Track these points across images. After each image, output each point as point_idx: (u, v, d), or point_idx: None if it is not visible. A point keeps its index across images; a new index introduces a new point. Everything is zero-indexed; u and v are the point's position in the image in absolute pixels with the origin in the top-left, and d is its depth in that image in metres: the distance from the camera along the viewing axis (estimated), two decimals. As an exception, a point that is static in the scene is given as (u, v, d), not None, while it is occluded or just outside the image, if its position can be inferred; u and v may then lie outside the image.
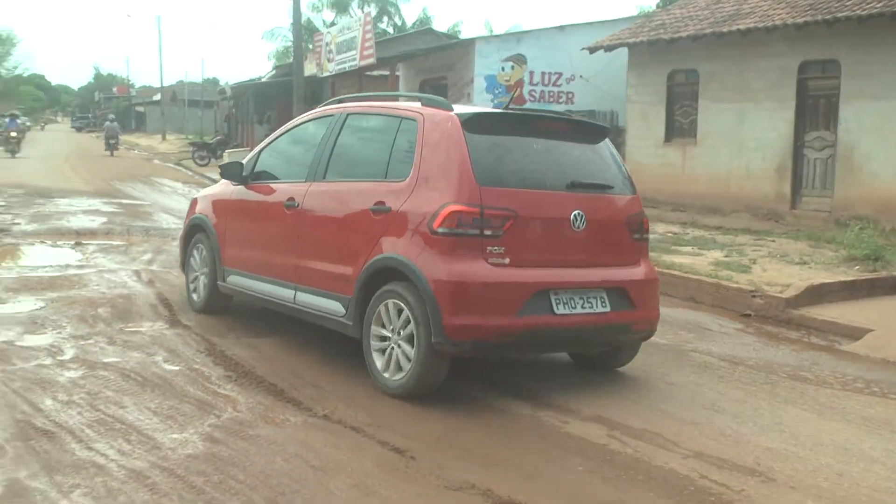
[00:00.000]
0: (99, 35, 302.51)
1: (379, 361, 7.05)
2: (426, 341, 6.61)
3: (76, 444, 5.43)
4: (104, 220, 17.61)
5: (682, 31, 20.51)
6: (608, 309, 7.12)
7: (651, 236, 15.20)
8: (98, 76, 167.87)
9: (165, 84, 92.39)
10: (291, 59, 34.89)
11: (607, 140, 7.84)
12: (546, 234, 7.02)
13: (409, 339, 6.78)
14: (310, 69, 37.70)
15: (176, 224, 17.29)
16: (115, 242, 14.83)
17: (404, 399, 6.75)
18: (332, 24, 51.27)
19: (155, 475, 4.99)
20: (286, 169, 8.75)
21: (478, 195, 6.68)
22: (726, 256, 13.56)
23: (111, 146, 51.81)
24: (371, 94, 9.46)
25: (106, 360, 7.41)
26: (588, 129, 7.92)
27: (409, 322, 6.76)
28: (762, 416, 6.79)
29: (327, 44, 35.71)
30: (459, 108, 7.20)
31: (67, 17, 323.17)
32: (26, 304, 9.51)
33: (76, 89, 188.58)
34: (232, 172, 9.28)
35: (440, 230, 6.65)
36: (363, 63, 31.79)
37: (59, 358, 7.48)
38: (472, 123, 6.99)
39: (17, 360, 7.28)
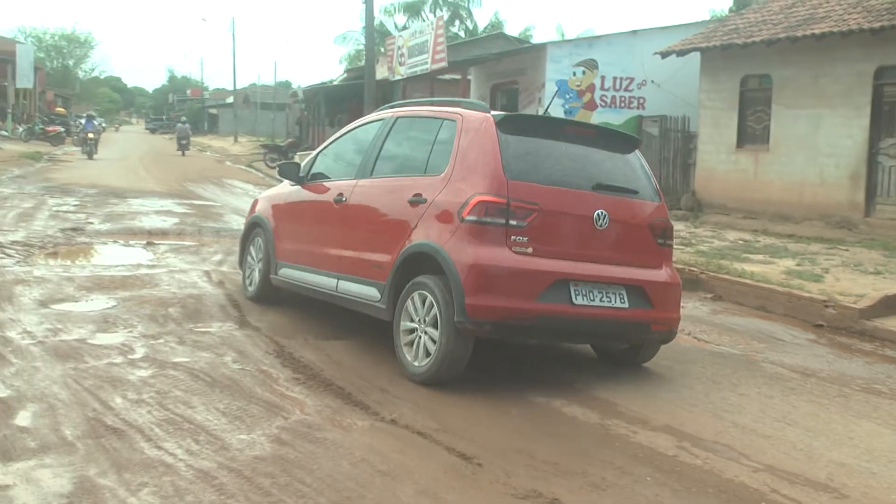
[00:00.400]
0: (174, 38, 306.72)
1: (408, 353, 7.57)
2: (449, 321, 7.05)
3: (145, 442, 5.48)
4: (176, 220, 17.78)
5: (755, 35, 20.21)
6: (626, 305, 7.52)
7: (721, 243, 15.02)
8: (172, 78, 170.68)
9: (238, 87, 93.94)
10: (363, 63, 35.05)
11: (637, 151, 8.35)
12: (569, 228, 7.46)
13: (435, 324, 7.26)
14: (381, 72, 37.57)
15: None
16: (186, 243, 14.95)
17: (432, 386, 7.18)
18: (404, 27, 51.25)
19: (222, 476, 5.04)
20: (339, 169, 9.35)
21: (505, 188, 7.18)
22: (798, 265, 13.30)
23: (182, 146, 54.70)
24: (422, 100, 10.11)
25: (176, 360, 7.48)
26: (619, 138, 8.37)
27: (432, 306, 7.28)
28: (835, 430, 6.65)
29: (399, 47, 35.76)
30: (496, 112, 7.70)
31: (143, 21, 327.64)
32: (99, 303, 9.60)
33: (151, 91, 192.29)
34: (290, 173, 10.04)
35: (468, 218, 7.18)
36: (435, 67, 31.73)
37: (130, 357, 7.54)
38: (507, 124, 7.53)
39: (88, 358, 7.35)
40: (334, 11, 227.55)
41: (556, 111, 25.91)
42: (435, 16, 50.16)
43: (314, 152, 9.84)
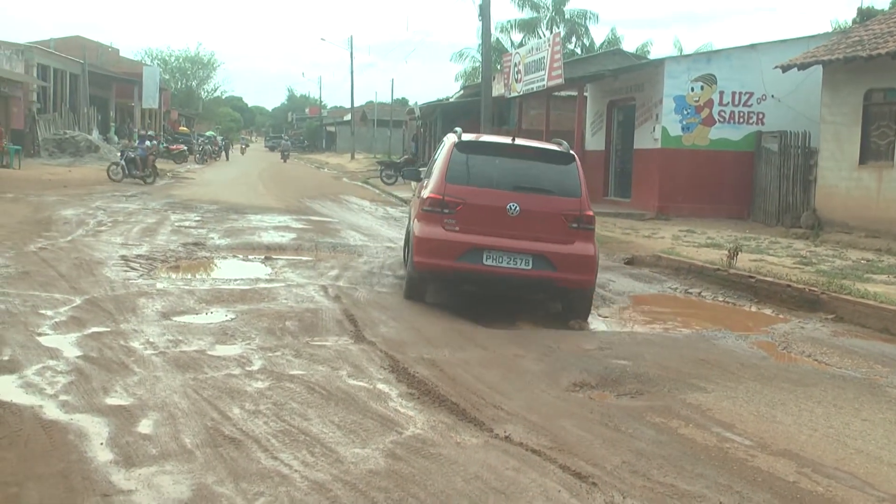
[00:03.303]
0: (294, 58, 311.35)
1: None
2: (408, 270, 11.55)
3: (262, 452, 5.58)
4: (293, 236, 18.05)
5: (880, 47, 19.58)
6: (530, 267, 11.04)
7: (843, 263, 14.71)
8: (291, 97, 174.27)
9: (356, 105, 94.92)
10: (479, 80, 34.93)
11: (576, 163, 11.78)
12: (486, 215, 11.16)
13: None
14: (497, 89, 37.33)
15: (362, 241, 17.93)
16: (303, 258, 15.15)
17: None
18: (521, 44, 51.18)
19: (337, 488, 5.09)
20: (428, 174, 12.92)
21: (444, 189, 11.27)
22: (925, 286, 12.42)
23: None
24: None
25: (292, 373, 7.58)
26: (556, 155, 11.93)
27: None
28: (966, 459, 5.92)
29: (515, 64, 35.66)
30: (466, 137, 12.04)
31: (264, 41, 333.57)
32: (218, 316, 9.80)
33: (270, 110, 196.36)
34: (412, 175, 14.68)
35: (425, 208, 11.32)
36: (551, 83, 31.49)
37: (248, 368, 7.66)
38: (462, 145, 11.78)
39: (207, 369, 7.50)
40: (452, 29, 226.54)
41: (673, 127, 26.68)
42: (551, 32, 49.92)
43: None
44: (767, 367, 8.90)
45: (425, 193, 11.54)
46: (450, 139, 12.11)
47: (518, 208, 11.17)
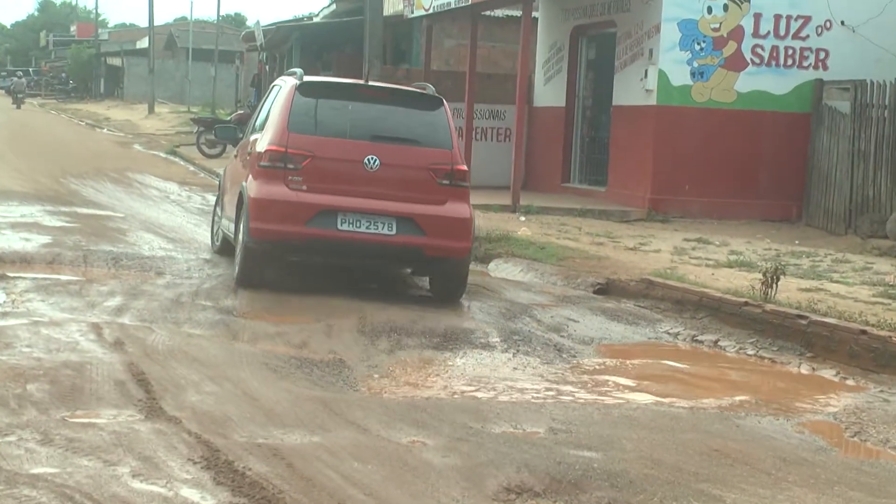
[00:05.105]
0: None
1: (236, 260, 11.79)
2: (243, 241, 11.37)
3: None
4: (46, 239, 14.69)
5: None
6: (394, 232, 10.94)
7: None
8: (46, 6, 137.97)
9: (158, 23, 75.96)
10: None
11: (444, 108, 11.61)
12: (340, 170, 11.05)
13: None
14: (392, 5, 30.22)
15: (164, 249, 14.92)
16: (62, 277, 12.31)
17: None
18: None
19: None
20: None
21: (286, 139, 11.03)
22: None
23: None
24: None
25: (35, 471, 5.78)
26: (420, 98, 11.91)
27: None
28: None
29: (421, -35, 33.13)
30: (308, 78, 12.02)
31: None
32: None
33: (9, 27, 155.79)
34: (228, 135, 17.55)
35: (262, 164, 11.18)
36: None
37: None
38: (305, 87, 11.52)
39: None
40: None
41: (677, 72, 20.00)
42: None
43: None
44: (828, 465, 7.15)
45: (261, 146, 11.55)
46: (288, 82, 12.39)
47: (378, 162, 10.96)
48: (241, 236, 11.60)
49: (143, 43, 76.84)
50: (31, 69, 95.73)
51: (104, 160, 31.04)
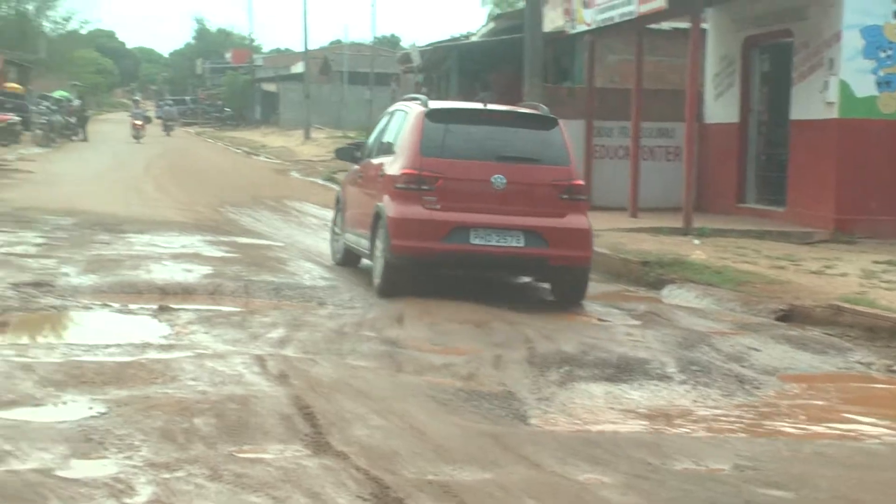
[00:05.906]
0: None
1: (374, 272, 12.74)
2: (384, 256, 12.55)
3: None
4: (207, 270, 14.52)
5: None
6: (522, 244, 12.10)
7: None
8: (202, 34, 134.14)
9: (313, 47, 74.41)
10: (521, 6, 29.53)
11: (559, 127, 12.79)
12: (469, 189, 12.29)
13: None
14: (553, 21, 29.30)
15: (324, 280, 14.63)
16: (224, 308, 12.29)
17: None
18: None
19: None
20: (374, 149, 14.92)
21: (420, 163, 12.20)
22: None
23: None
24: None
25: None
26: (537, 119, 13.06)
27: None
28: None
29: (583, -19, 32.32)
30: (434, 104, 13.26)
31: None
32: (76, 408, 7.64)
33: (167, 56, 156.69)
34: (347, 155, 16.39)
35: (398, 186, 12.38)
36: (645, 9, 22.66)
37: (126, 501, 5.67)
38: (433, 115, 12.62)
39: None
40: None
41: (861, 82, 18.66)
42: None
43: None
44: None
45: (394, 170, 12.71)
46: (413, 108, 13.40)
47: (504, 180, 12.04)
48: (380, 252, 12.73)
49: (298, 67, 75.15)
50: (187, 97, 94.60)
51: (261, 188, 31.12)
